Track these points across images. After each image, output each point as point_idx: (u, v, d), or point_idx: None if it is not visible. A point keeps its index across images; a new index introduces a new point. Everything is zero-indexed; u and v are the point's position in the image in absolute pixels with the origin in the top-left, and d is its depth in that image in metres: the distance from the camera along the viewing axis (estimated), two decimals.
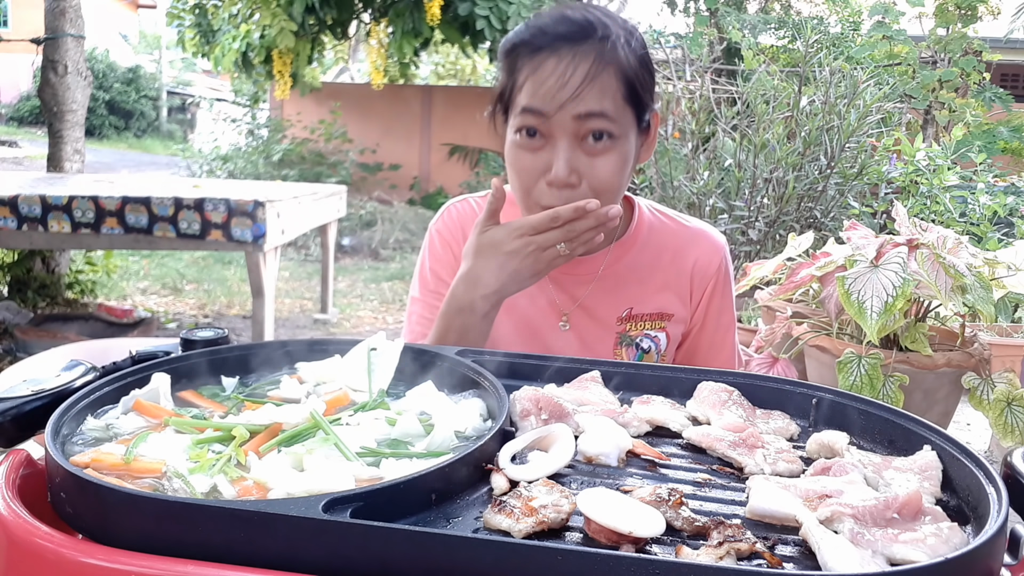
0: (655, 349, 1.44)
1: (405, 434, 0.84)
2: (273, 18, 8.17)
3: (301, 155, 10.44)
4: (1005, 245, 2.99)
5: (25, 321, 4.96)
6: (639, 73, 1.26)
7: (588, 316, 1.42)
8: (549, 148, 1.24)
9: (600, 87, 1.21)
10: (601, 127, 1.22)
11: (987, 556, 0.61)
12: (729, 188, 4.02)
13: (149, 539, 0.63)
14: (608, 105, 1.22)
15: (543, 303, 1.42)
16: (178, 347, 1.02)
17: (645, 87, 1.28)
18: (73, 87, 5.49)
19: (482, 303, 1.23)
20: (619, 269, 1.44)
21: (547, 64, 1.21)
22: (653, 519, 0.66)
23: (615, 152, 1.25)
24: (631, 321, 1.43)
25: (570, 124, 1.22)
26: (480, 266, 1.23)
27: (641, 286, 1.44)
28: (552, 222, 1.18)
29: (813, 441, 0.86)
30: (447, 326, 1.26)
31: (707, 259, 1.45)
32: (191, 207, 4.11)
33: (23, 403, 0.81)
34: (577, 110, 1.20)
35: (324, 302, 6.22)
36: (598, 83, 1.21)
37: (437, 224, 1.50)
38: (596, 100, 1.21)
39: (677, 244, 1.46)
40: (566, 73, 1.20)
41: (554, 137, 1.23)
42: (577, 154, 1.23)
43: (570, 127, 1.22)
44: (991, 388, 1.69)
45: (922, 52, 6.08)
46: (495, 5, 8.23)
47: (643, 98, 1.28)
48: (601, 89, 1.21)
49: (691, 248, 1.46)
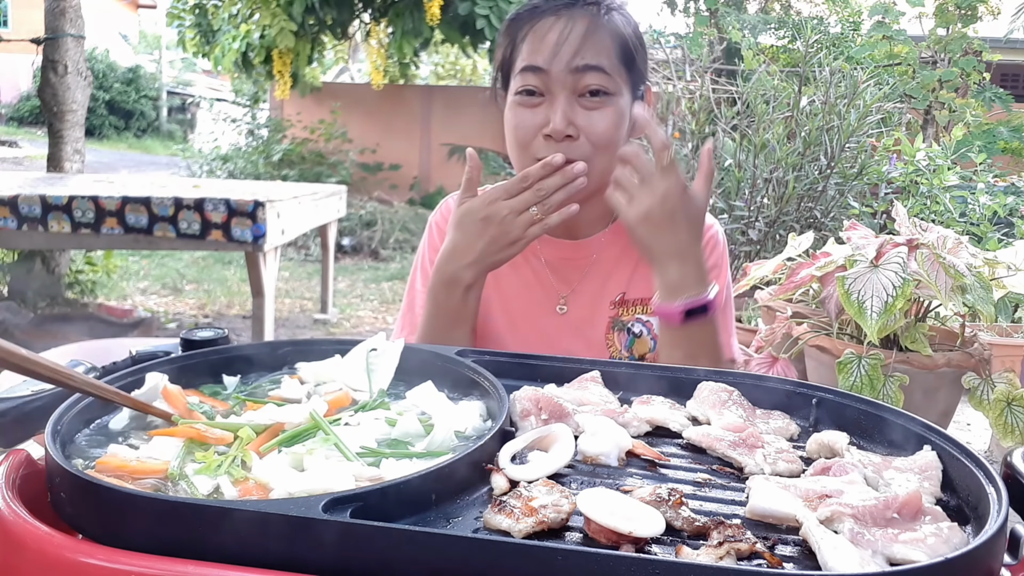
0: (647, 334, 1.44)
1: (405, 434, 0.84)
2: (273, 18, 8.17)
3: (301, 155, 10.44)
4: (1005, 245, 2.99)
5: (25, 321, 4.96)
6: (632, 39, 1.32)
7: (583, 301, 1.43)
8: (547, 104, 1.28)
9: (596, 43, 1.27)
10: (597, 82, 1.27)
11: (987, 556, 0.61)
12: (729, 188, 4.02)
13: (149, 539, 0.63)
14: (604, 61, 1.27)
15: (539, 288, 1.44)
16: (178, 347, 1.02)
17: (638, 53, 1.34)
18: (73, 87, 5.49)
19: (466, 273, 1.25)
20: (613, 253, 1.45)
21: (545, 23, 1.28)
22: (653, 519, 0.66)
23: (611, 107, 1.29)
24: (623, 306, 1.44)
25: (568, 78, 1.26)
26: (459, 237, 1.25)
27: (633, 270, 1.45)
28: (522, 182, 1.21)
29: (813, 441, 0.86)
30: (435, 302, 1.29)
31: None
32: (191, 207, 4.11)
33: (23, 403, 0.81)
34: (574, 63, 1.26)
35: (324, 302, 6.22)
36: (594, 39, 1.27)
37: (435, 217, 1.53)
38: (592, 54, 1.26)
39: None
40: (564, 29, 1.26)
41: (552, 93, 1.28)
42: (574, 108, 1.28)
43: (568, 81, 1.27)
44: (991, 388, 1.69)
45: (922, 52, 6.08)
46: (495, 5, 8.23)
47: (637, 62, 1.33)
48: (597, 46, 1.27)
49: None
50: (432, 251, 1.49)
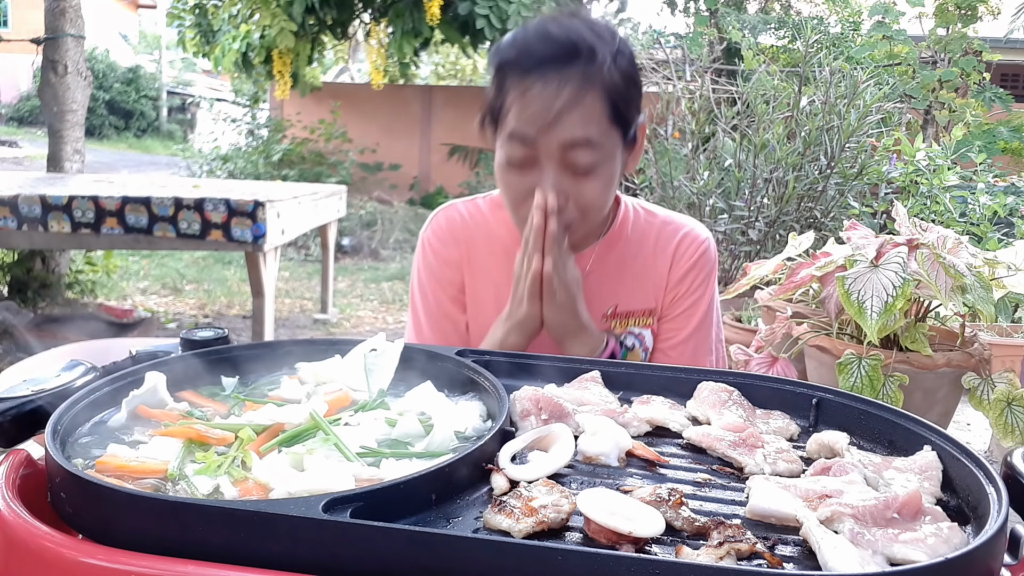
0: (640, 346, 1.44)
1: (405, 434, 0.84)
2: (273, 18, 8.17)
3: (301, 155, 10.44)
4: (1005, 245, 2.98)
5: (25, 321, 4.96)
6: (624, 91, 1.26)
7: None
8: (536, 171, 1.26)
9: (585, 113, 1.22)
10: (587, 155, 1.24)
11: (987, 556, 0.61)
12: (729, 188, 4.02)
13: (149, 539, 0.63)
14: (593, 131, 1.23)
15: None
16: (178, 347, 1.02)
17: (631, 103, 1.29)
18: (73, 87, 5.49)
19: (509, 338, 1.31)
20: (605, 266, 1.44)
21: (533, 89, 1.22)
22: (653, 519, 0.66)
23: (601, 175, 1.27)
24: (615, 318, 1.44)
25: (556, 151, 1.24)
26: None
27: (625, 283, 1.45)
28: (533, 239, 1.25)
29: (813, 441, 0.86)
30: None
31: (686, 248, 1.46)
32: (191, 207, 4.11)
33: (23, 403, 0.81)
34: (562, 138, 1.22)
35: (324, 302, 6.22)
36: (583, 109, 1.21)
37: (427, 233, 1.51)
38: (581, 127, 1.22)
39: (660, 236, 1.47)
40: (551, 100, 1.20)
41: (540, 162, 1.25)
42: (563, 177, 1.25)
43: (556, 153, 1.24)
44: (991, 388, 1.69)
45: (922, 52, 6.08)
46: (495, 5, 8.23)
47: (628, 116, 1.29)
48: (586, 115, 1.22)
49: (673, 239, 1.47)
50: (427, 270, 1.49)
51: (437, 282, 1.48)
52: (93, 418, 0.86)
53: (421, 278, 1.50)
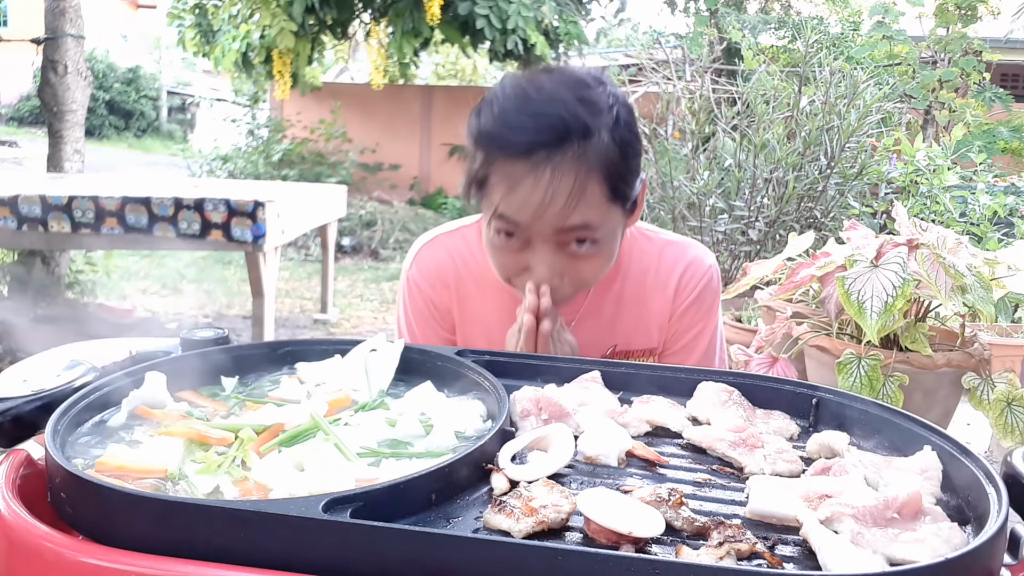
0: None
1: (405, 434, 0.84)
2: (273, 18, 8.17)
3: (301, 155, 10.44)
4: (1005, 245, 2.99)
5: (25, 321, 4.95)
6: (624, 166, 1.17)
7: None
8: (529, 250, 1.18)
9: (579, 195, 1.12)
10: (585, 236, 1.16)
11: (987, 556, 0.61)
12: (729, 188, 4.02)
13: (149, 539, 0.63)
14: (592, 215, 1.14)
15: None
16: (178, 347, 1.02)
17: (630, 175, 1.19)
18: (73, 87, 5.49)
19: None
20: (603, 306, 1.39)
21: (524, 180, 1.11)
22: (653, 519, 0.66)
23: (599, 255, 1.20)
24: (615, 357, 1.38)
25: (551, 235, 1.16)
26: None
27: (624, 323, 1.39)
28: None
29: (813, 441, 0.86)
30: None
31: (688, 279, 1.39)
32: (191, 207, 4.11)
33: (23, 403, 0.81)
34: (556, 224, 1.14)
35: (324, 302, 6.21)
36: (576, 192, 1.11)
37: (412, 271, 1.43)
38: (578, 215, 1.13)
39: (660, 267, 1.40)
40: (543, 192, 1.10)
41: (533, 242, 1.17)
42: (559, 258, 1.18)
43: (551, 237, 1.16)
44: (991, 388, 1.69)
45: (922, 52, 6.08)
46: (495, 5, 8.23)
47: (628, 190, 1.20)
48: (584, 202, 1.13)
49: (675, 271, 1.40)
50: (415, 312, 1.41)
51: (425, 322, 1.42)
52: (93, 418, 0.86)
53: (408, 318, 1.42)
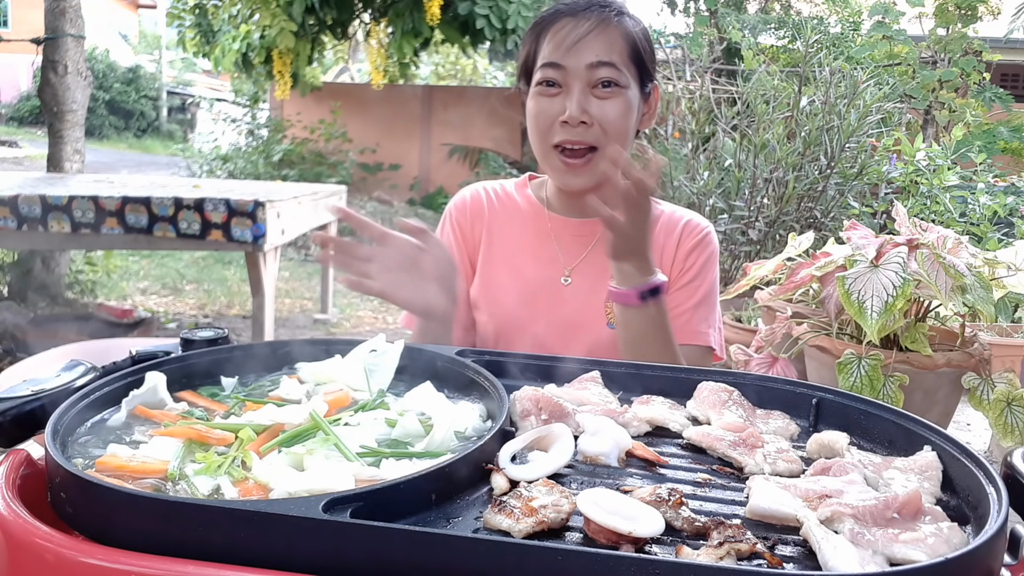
0: None
1: (405, 434, 0.84)
2: (273, 18, 8.17)
3: (301, 155, 10.43)
4: (1005, 245, 2.98)
5: (25, 321, 4.96)
6: (643, 41, 1.46)
7: (587, 274, 1.51)
8: (564, 95, 1.42)
9: (607, 42, 1.41)
10: (609, 76, 1.40)
11: (987, 556, 0.61)
12: (729, 188, 4.02)
13: (149, 539, 0.63)
14: (615, 57, 1.41)
15: (547, 259, 1.53)
16: (178, 347, 1.02)
17: (646, 53, 1.47)
18: (73, 87, 5.49)
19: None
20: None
21: (563, 24, 1.42)
22: (653, 519, 0.66)
23: (621, 98, 1.42)
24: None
25: (583, 72, 1.40)
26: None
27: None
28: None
29: (813, 441, 0.86)
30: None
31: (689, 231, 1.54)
32: (191, 207, 4.11)
33: (23, 403, 0.81)
34: (588, 59, 1.39)
35: (324, 302, 6.21)
36: (606, 38, 1.40)
37: (448, 206, 1.65)
38: (605, 51, 1.40)
39: (667, 222, 1.55)
40: (579, 29, 1.40)
41: (568, 85, 1.41)
42: (588, 98, 1.41)
43: (583, 75, 1.40)
44: (991, 388, 1.69)
45: (922, 52, 6.08)
46: (495, 5, 8.23)
47: (645, 62, 1.46)
48: (609, 43, 1.41)
49: (678, 224, 1.55)
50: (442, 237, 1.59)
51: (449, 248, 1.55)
52: (93, 418, 0.86)
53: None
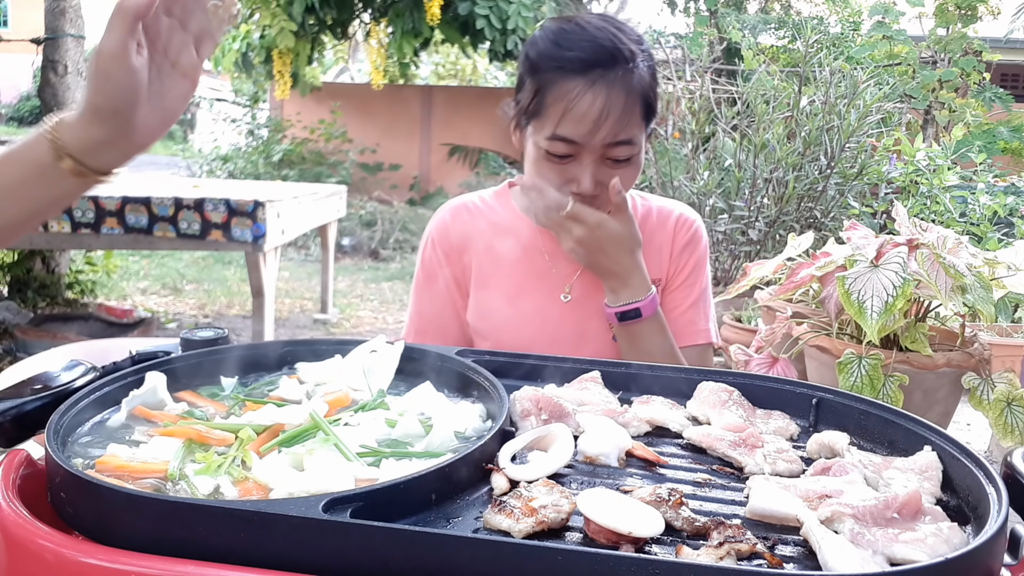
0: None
1: (405, 434, 0.84)
2: (273, 18, 8.17)
3: (301, 155, 10.43)
4: (1005, 245, 2.98)
5: (25, 321, 4.95)
6: (653, 90, 1.38)
7: (586, 287, 1.48)
8: (575, 164, 1.34)
9: (627, 115, 1.31)
10: (626, 153, 1.34)
11: (987, 556, 0.61)
12: (729, 188, 4.02)
13: (149, 539, 0.63)
14: (634, 132, 1.34)
15: (542, 276, 1.48)
16: (178, 347, 1.02)
17: (656, 99, 1.40)
18: (73, 87, 5.48)
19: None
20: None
21: (583, 97, 1.28)
22: (653, 519, 0.66)
23: (634, 165, 1.38)
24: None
25: (598, 148, 1.33)
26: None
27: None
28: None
29: (813, 441, 0.86)
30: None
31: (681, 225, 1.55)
32: (191, 207, 4.11)
33: (23, 403, 0.81)
34: (606, 139, 1.31)
35: (324, 302, 6.21)
36: (624, 109, 1.31)
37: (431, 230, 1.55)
38: (623, 128, 1.32)
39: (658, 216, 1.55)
40: (599, 107, 1.28)
41: (581, 157, 1.34)
42: (602, 170, 1.35)
43: (598, 150, 1.33)
44: (991, 388, 1.69)
45: (922, 52, 6.07)
46: (495, 5, 8.23)
47: (655, 110, 1.40)
48: (627, 117, 1.32)
49: (670, 218, 1.56)
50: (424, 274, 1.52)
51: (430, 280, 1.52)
52: (93, 418, 0.86)
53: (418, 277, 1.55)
